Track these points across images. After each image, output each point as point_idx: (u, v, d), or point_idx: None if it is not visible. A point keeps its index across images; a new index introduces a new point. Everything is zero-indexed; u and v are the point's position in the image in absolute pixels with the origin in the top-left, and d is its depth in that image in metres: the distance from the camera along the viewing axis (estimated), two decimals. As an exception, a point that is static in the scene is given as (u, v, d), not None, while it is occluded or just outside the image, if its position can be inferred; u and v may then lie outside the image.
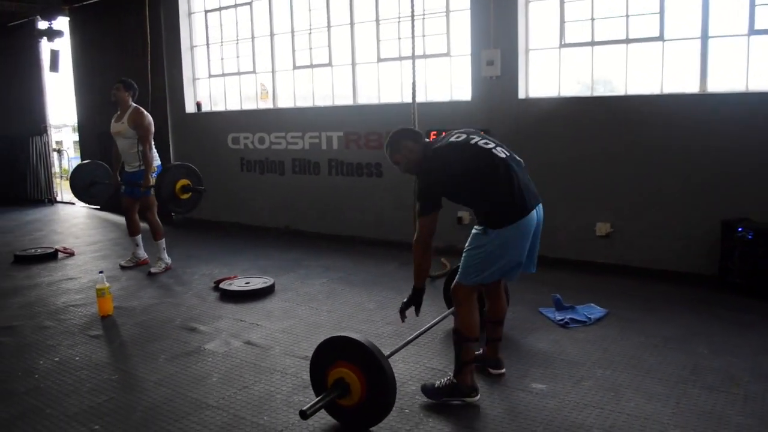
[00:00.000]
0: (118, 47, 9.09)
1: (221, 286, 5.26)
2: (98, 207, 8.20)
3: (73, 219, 9.51)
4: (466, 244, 3.19)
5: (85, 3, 9.43)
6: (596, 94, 5.76)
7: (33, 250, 6.94)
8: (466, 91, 6.36)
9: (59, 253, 6.87)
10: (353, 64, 7.29)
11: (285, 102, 8.02)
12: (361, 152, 7.19)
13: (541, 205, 3.25)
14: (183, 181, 5.73)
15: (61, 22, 9.81)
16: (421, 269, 3.22)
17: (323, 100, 7.66)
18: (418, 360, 3.75)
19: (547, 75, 5.98)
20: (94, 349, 4.18)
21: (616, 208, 5.62)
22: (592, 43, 5.65)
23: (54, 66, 9.71)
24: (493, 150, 3.15)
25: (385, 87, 7.12)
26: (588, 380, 3.38)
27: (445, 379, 3.26)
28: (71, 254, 6.90)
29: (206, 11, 8.56)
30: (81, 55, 9.80)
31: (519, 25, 5.91)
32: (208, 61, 8.72)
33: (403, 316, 3.34)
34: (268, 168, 8.09)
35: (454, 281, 3.25)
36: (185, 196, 5.77)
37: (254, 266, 6.14)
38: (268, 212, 8.19)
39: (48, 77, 10.43)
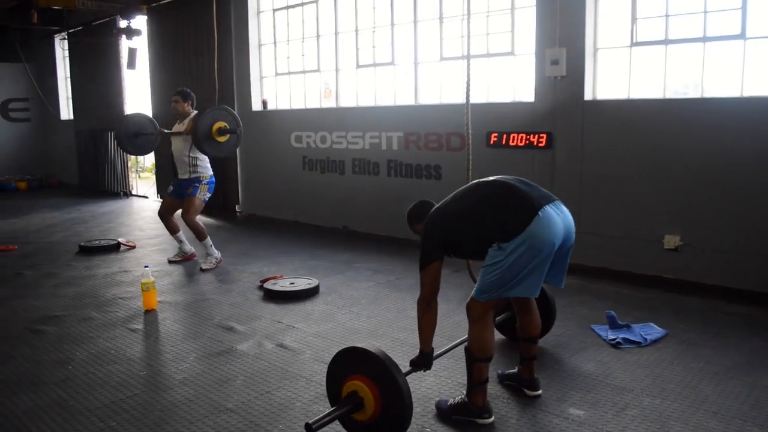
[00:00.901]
0: (190, 45, 9.28)
1: (265, 285, 5.20)
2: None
3: (143, 212, 9.78)
4: (484, 261, 2.94)
5: (161, 2, 9.67)
6: (669, 96, 5.34)
7: (97, 242, 7.14)
8: (530, 92, 6.05)
9: (121, 245, 7.03)
10: (415, 62, 7.11)
11: (347, 101, 7.93)
12: (421, 153, 7.00)
13: (563, 207, 3.03)
14: (220, 123, 5.73)
15: (140, 21, 10.12)
16: (423, 331, 3.01)
17: (385, 100, 7.51)
18: (451, 375, 3.53)
19: (616, 76, 5.58)
20: (131, 343, 4.20)
21: (687, 220, 5.17)
22: (666, 42, 5.22)
23: (131, 63, 10.03)
24: (488, 179, 3.08)
25: (447, 87, 6.90)
26: (633, 409, 3.06)
27: (459, 397, 3.07)
28: (132, 247, 7.06)
29: (274, 10, 8.59)
30: (156, 53, 10.07)
31: (587, 23, 5.54)
32: (275, 59, 8.75)
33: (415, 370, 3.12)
34: (329, 167, 8.02)
35: (469, 297, 3.03)
36: (222, 139, 5.76)
37: (304, 266, 6.07)
38: (327, 212, 8.12)
39: (126, 74, 10.78)
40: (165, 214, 6.26)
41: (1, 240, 7.60)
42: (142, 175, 12.61)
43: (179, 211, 6.21)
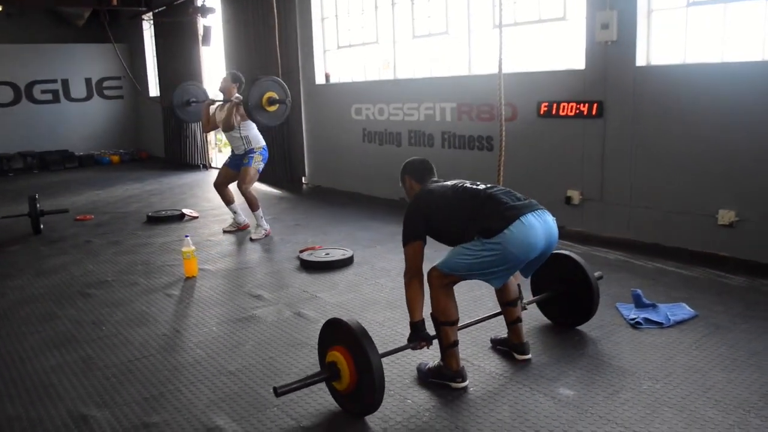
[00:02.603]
0: (258, 21, 9.48)
1: (301, 255, 5.31)
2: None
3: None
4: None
5: (234, -20, 9.92)
6: (727, 60, 4.93)
7: (163, 212, 7.54)
8: (581, 59, 5.76)
9: (184, 215, 7.39)
10: (469, 31, 6.94)
11: (404, 72, 7.88)
12: (473, 124, 6.86)
13: (547, 216, 2.98)
14: (270, 93, 5.87)
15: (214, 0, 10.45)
16: (410, 302, 3.04)
17: (439, 70, 7.40)
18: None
19: (671, 39, 5.21)
20: (164, 307, 4.44)
21: (744, 194, 4.78)
22: (726, 0, 4.82)
23: (206, 40, 10.40)
24: (476, 185, 3.06)
25: (504, 54, 6.67)
26: (628, 392, 2.92)
27: (437, 361, 3.12)
28: (195, 217, 7.39)
29: (337, -18, 8.62)
30: (229, 29, 10.37)
31: (639, -18, 5.21)
32: (337, 32, 8.80)
33: (419, 347, 3.10)
34: (387, 139, 8.02)
35: (433, 265, 3.05)
36: (271, 108, 5.91)
37: (349, 237, 6.14)
38: (385, 184, 8.13)
39: (203, 51, 11.17)
40: (220, 185, 6.51)
41: (82, 210, 8.18)
42: (223, 148, 13.08)
43: (235, 183, 6.42)
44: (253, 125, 6.27)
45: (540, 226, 2.89)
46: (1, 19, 12.72)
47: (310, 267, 5.14)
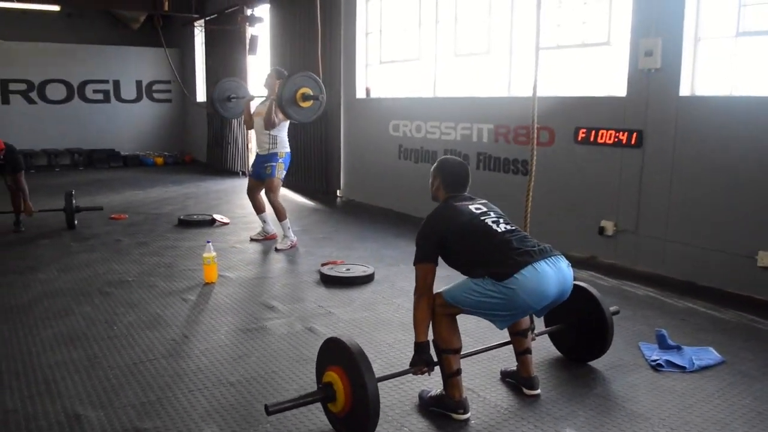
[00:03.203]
0: (305, 32, 9.55)
1: (321, 269, 5.25)
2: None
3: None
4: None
5: (283, -9, 10.03)
6: (777, 94, 4.70)
7: (195, 216, 7.59)
8: (623, 86, 5.58)
9: (215, 221, 7.42)
10: (510, 52, 6.82)
11: (443, 91, 7.80)
12: (510, 147, 6.72)
13: (562, 262, 2.87)
14: (304, 89, 5.82)
15: (263, 9, 10.59)
16: (417, 322, 2.92)
17: (479, 90, 7.29)
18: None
19: (718, 70, 5.01)
20: (178, 311, 4.42)
21: (787, 236, 4.55)
22: (777, 32, 4.60)
23: (252, 49, 10.53)
24: (496, 224, 2.95)
25: (541, 77, 6.53)
26: (638, 439, 2.74)
27: (440, 389, 3.00)
28: (225, 224, 7.42)
29: (382, -2, 8.63)
30: (275, 39, 10.47)
31: (686, 10, 5.01)
32: (380, 47, 8.79)
33: (420, 372, 2.98)
34: (422, 157, 7.94)
35: (439, 291, 2.95)
36: (305, 104, 5.85)
37: (374, 254, 6.05)
38: (417, 202, 8.02)
39: (249, 59, 11.31)
40: (250, 193, 6.53)
41: (119, 209, 8.32)
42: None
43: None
44: (285, 127, 6.27)
45: (553, 273, 2.78)
46: (60, 18, 13.18)
47: (329, 282, 5.07)
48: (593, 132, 5.73)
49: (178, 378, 3.36)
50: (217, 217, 7.54)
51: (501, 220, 2.96)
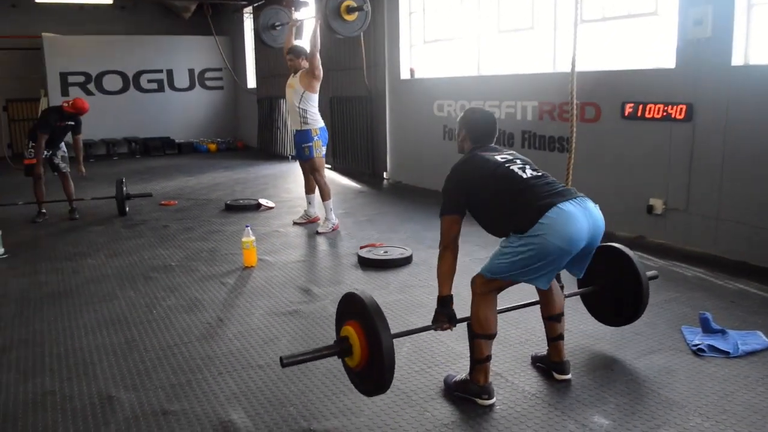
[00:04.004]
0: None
1: (359, 252, 5.24)
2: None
3: (299, 175, 10.30)
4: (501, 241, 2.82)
5: (327, -26, 9.98)
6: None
7: (241, 201, 7.70)
8: (671, 57, 5.31)
9: (261, 205, 7.51)
10: (555, 27, 6.60)
11: (487, 69, 7.62)
12: (555, 124, 6.52)
13: (588, 203, 2.75)
14: (348, 2, 5.75)
15: (308, -7, 10.57)
16: (440, 274, 2.87)
17: (524, 67, 7.09)
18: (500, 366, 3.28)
19: (774, 36, 4.71)
20: (216, 295, 4.49)
21: None
22: (839, -7, 4.28)
23: (298, 33, 10.51)
24: (522, 170, 2.84)
25: (586, 52, 6.31)
26: (671, 428, 2.61)
27: (465, 374, 2.94)
28: (270, 208, 7.50)
29: (425, -24, 8.48)
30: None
31: (739, -27, 4.72)
32: (424, 27, 8.66)
33: (441, 328, 2.95)
34: (467, 138, 7.80)
35: (477, 273, 2.87)
36: (350, 17, 5.78)
37: (415, 236, 6.00)
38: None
39: (296, 44, 11.32)
40: (304, 173, 6.58)
41: (170, 195, 8.53)
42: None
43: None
44: (315, 102, 6.21)
45: (581, 212, 2.66)
46: (114, 11, 13.54)
47: (366, 264, 5.06)
48: (641, 106, 5.49)
49: (209, 361, 3.41)
50: (262, 201, 7.62)
51: (528, 167, 2.85)
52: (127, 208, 7.30)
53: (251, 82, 13.86)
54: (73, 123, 7.11)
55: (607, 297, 3.40)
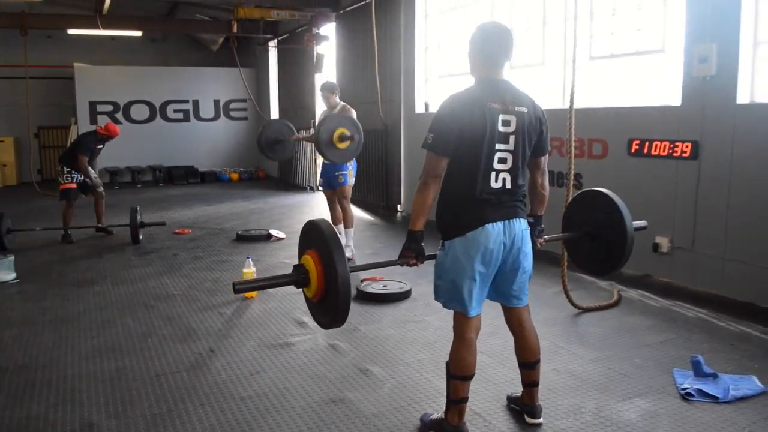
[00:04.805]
0: (366, 50, 9.66)
1: (358, 286, 5.24)
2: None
3: (318, 207, 10.39)
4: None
5: (347, 9, 10.20)
6: None
7: (252, 231, 7.79)
8: (677, 95, 5.28)
9: (271, 236, 7.58)
10: (565, 63, 6.62)
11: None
12: (563, 160, 6.48)
13: (516, 223, 2.73)
14: (342, 130, 5.86)
15: (329, 28, 10.79)
16: (415, 207, 2.72)
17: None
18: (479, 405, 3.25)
19: (779, 75, 4.65)
20: (212, 325, 4.53)
21: None
22: (843, 33, 4.23)
23: (318, 67, 10.75)
24: (492, 178, 2.67)
25: (595, 88, 6.31)
26: (645, 474, 2.55)
27: (441, 413, 2.90)
28: (281, 239, 7.56)
29: (441, 12, 8.60)
30: (341, 57, 10.67)
31: (743, 12, 4.69)
32: (439, 61, 8.75)
33: (408, 263, 2.85)
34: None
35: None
36: (342, 145, 5.89)
37: (418, 271, 5.83)
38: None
39: (318, 78, 11.54)
40: (331, 204, 6.68)
41: (185, 224, 8.68)
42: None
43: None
44: None
45: (496, 231, 2.68)
46: (144, 43, 13.97)
47: (364, 298, 5.06)
48: (647, 144, 5.46)
49: (193, 391, 3.44)
50: (273, 232, 7.70)
51: (508, 175, 2.68)
52: (141, 236, 7.43)
53: (274, 114, 14.10)
54: (102, 146, 7.87)
55: (591, 244, 3.31)
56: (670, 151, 5.25)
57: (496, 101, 2.64)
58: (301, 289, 2.73)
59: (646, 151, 5.46)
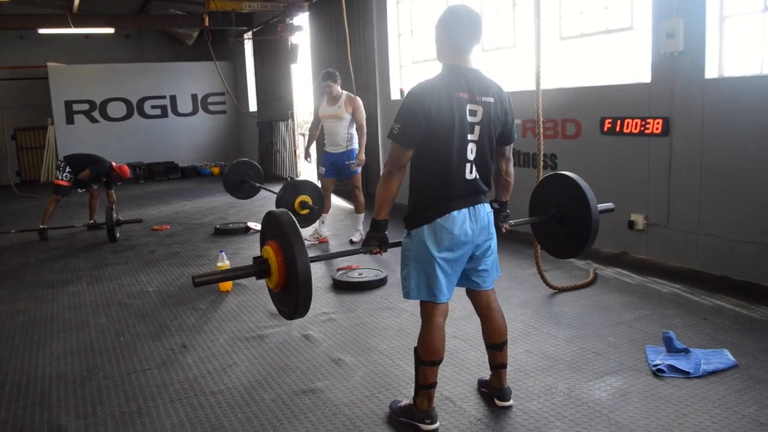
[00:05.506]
0: (339, 38, 9.57)
1: (334, 275, 5.22)
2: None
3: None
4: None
5: (320, -1, 10.11)
6: (810, 70, 4.31)
7: (230, 225, 7.73)
8: (646, 72, 5.27)
9: (249, 229, 7.53)
10: (537, 44, 6.57)
11: (474, 87, 7.61)
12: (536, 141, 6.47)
13: (481, 207, 2.73)
14: (304, 197, 5.90)
15: (302, 18, 10.70)
16: (379, 197, 2.70)
17: (507, 85, 7.06)
18: (450, 390, 3.23)
19: (747, 48, 4.64)
20: (185, 320, 4.49)
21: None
22: (806, 3, 4.22)
23: (293, 57, 10.65)
24: (467, 170, 2.67)
25: (566, 69, 6.29)
26: (612, 451, 2.54)
27: (410, 399, 2.88)
28: (259, 231, 7.49)
29: (412, -2, 8.54)
30: (315, 47, 10.58)
31: (709, -14, 4.68)
32: (413, 47, 8.69)
33: (371, 252, 2.85)
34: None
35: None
36: (303, 212, 5.91)
37: (395, 257, 5.86)
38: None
39: (294, 69, 11.46)
40: (327, 193, 6.69)
41: (165, 220, 8.61)
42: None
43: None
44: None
45: (462, 218, 2.66)
46: (119, 40, 13.81)
47: (340, 287, 5.03)
48: (618, 122, 5.45)
49: (163, 388, 3.40)
50: (251, 224, 7.65)
51: (475, 165, 2.67)
52: (118, 234, 7.36)
53: (252, 106, 13.99)
54: (108, 181, 7.92)
55: (556, 228, 3.32)
56: (642, 128, 5.25)
57: (463, 90, 2.60)
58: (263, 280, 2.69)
59: (618, 129, 5.45)
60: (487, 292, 2.93)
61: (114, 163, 7.86)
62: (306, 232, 6.83)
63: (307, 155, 6.93)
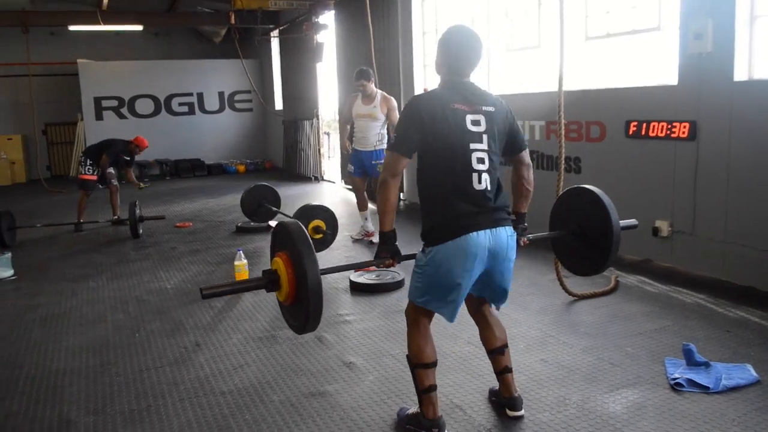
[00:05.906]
0: (364, 37, 9.52)
1: (350, 277, 5.18)
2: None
3: (321, 196, 10.33)
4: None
5: (346, -3, 10.08)
6: None
7: (251, 223, 7.75)
8: (673, 74, 5.14)
9: (271, 227, 7.54)
10: (561, 45, 6.46)
11: (497, 87, 7.52)
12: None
13: (502, 231, 2.64)
14: (317, 222, 5.84)
15: (328, 17, 10.69)
16: (381, 207, 2.67)
17: (531, 86, 6.97)
18: (461, 398, 3.18)
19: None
20: (201, 318, 4.50)
21: None
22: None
23: (318, 56, 10.65)
24: (474, 180, 2.59)
25: (592, 70, 6.17)
26: (624, 467, 2.47)
27: (417, 407, 2.83)
28: (280, 229, 7.50)
29: (438, -3, 8.48)
30: (341, 45, 10.54)
31: (740, -14, 4.55)
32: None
33: (384, 264, 2.79)
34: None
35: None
36: (317, 236, 5.87)
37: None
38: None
39: (319, 67, 11.45)
40: (359, 192, 6.75)
41: (188, 217, 8.67)
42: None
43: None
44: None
45: (480, 240, 2.58)
46: (147, 37, 13.96)
47: (356, 289, 5.00)
48: (644, 125, 5.32)
49: (174, 386, 3.40)
50: (272, 223, 7.64)
51: (488, 176, 2.60)
52: (141, 231, 7.42)
53: (278, 104, 14.04)
54: (130, 159, 8.23)
55: (576, 243, 3.23)
56: (668, 132, 5.11)
57: (459, 102, 2.61)
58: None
59: (644, 132, 5.33)
60: (488, 304, 2.90)
61: (131, 142, 8.13)
62: (353, 230, 6.97)
63: (347, 147, 6.85)
